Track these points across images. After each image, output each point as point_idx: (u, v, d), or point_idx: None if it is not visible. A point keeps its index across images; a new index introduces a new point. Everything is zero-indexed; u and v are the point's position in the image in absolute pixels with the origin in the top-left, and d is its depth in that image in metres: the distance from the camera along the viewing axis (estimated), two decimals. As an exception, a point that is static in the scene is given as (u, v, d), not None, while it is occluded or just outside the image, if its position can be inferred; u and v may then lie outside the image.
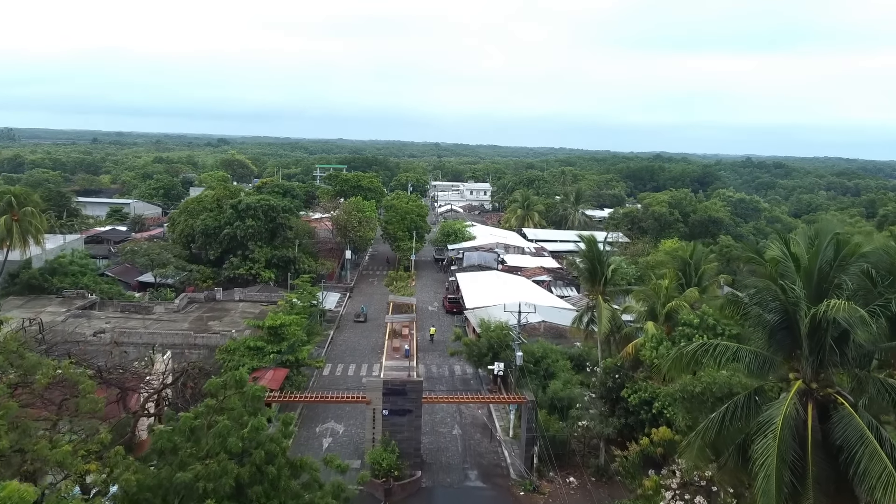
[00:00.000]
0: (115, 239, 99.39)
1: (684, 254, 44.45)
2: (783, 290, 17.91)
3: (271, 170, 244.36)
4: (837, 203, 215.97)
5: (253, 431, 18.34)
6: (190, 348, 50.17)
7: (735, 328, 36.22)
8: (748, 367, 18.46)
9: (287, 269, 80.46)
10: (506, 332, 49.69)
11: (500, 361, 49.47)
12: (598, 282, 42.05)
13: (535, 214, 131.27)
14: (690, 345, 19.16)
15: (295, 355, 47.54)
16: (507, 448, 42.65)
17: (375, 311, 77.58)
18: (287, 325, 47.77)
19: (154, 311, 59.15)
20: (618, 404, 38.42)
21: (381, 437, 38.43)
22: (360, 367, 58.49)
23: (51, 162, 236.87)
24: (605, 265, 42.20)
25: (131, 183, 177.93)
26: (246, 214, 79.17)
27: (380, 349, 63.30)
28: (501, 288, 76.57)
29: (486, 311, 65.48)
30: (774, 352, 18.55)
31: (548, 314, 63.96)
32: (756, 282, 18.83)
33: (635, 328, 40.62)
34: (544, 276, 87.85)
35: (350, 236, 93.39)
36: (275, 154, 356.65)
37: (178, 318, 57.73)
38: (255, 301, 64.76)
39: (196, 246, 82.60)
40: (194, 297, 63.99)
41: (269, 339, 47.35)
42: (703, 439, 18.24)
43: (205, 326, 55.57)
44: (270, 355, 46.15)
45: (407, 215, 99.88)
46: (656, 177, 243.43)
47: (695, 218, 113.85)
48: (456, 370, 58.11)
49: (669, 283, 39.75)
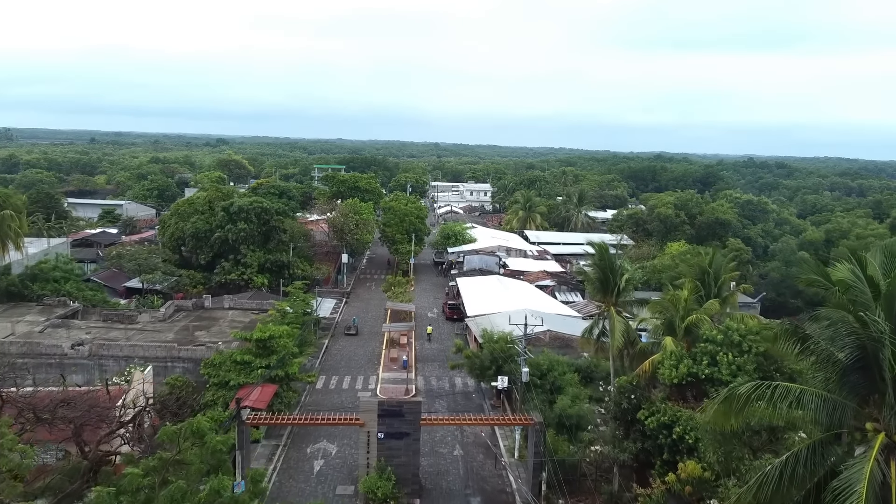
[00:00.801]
0: (105, 242, 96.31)
1: (702, 261, 41.33)
2: (861, 322, 14.86)
3: (269, 170, 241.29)
4: (843, 204, 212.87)
5: (212, 495, 15.33)
6: (173, 361, 47.12)
7: (762, 344, 33.24)
8: (815, 414, 15.33)
9: (281, 274, 77.37)
10: (510, 344, 46.61)
11: (504, 375, 46.49)
12: (611, 292, 38.93)
13: (537, 216, 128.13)
14: (741, 386, 15.98)
15: (285, 370, 44.41)
16: (512, 472, 39.58)
17: (373, 317, 74.57)
18: (277, 337, 44.69)
19: (138, 320, 56.04)
20: (633, 426, 35.34)
21: (375, 463, 35.38)
22: (356, 379, 55.43)
23: (46, 162, 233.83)
24: (617, 274, 39.06)
25: (125, 184, 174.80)
26: (238, 217, 76.05)
27: (377, 359, 60.25)
28: (504, 294, 73.51)
29: (489, 320, 62.41)
30: (847, 396, 15.49)
31: (553, 323, 60.90)
32: (830, 312, 15.70)
33: (651, 343, 37.49)
34: (547, 281, 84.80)
35: (347, 239, 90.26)
36: (273, 154, 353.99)
37: (162, 328, 54.61)
38: (245, 309, 61.60)
39: (186, 250, 79.51)
40: (182, 305, 60.88)
41: (257, 352, 44.26)
42: (757, 498, 15.16)
43: (191, 337, 52.45)
44: (258, 370, 43.05)
45: (406, 217, 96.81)
46: (658, 177, 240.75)
47: (701, 220, 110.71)
48: (457, 382, 55.05)
49: (688, 294, 36.64)
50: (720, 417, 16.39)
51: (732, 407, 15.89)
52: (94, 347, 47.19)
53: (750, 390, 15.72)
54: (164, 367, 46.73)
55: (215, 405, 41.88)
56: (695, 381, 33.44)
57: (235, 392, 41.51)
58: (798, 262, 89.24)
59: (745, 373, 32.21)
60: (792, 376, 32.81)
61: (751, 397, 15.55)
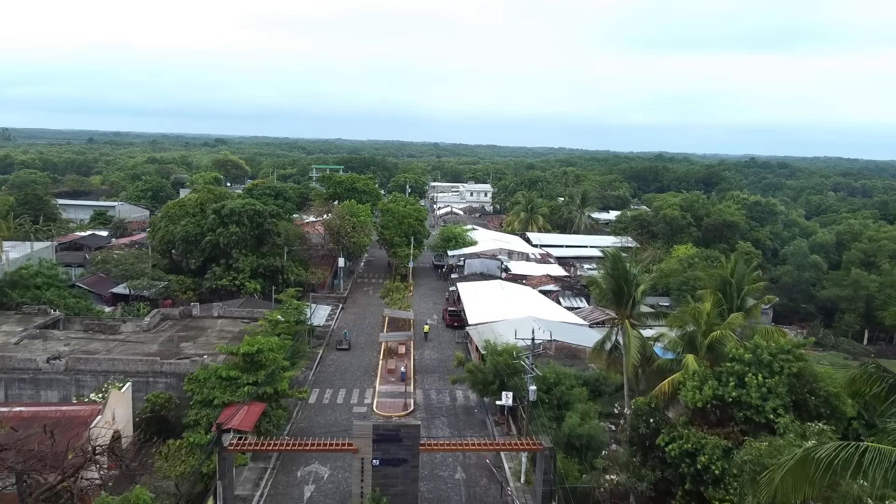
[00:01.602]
0: (94, 245, 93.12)
1: (723, 271, 38.33)
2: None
3: (266, 170, 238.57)
4: (848, 204, 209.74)
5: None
6: (155, 377, 44.05)
7: (794, 364, 30.29)
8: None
9: (274, 280, 74.40)
10: (515, 359, 43.62)
11: (509, 391, 43.54)
12: (625, 304, 35.95)
13: (540, 218, 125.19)
14: (819, 448, 12.88)
15: (274, 386, 41.41)
16: (519, 499, 36.56)
17: (370, 324, 71.60)
18: (266, 350, 41.66)
19: (121, 331, 52.97)
20: (652, 452, 32.41)
21: (370, 493, 32.39)
22: (351, 393, 52.43)
23: (41, 162, 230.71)
24: (632, 285, 36.07)
25: (119, 184, 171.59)
26: (230, 220, 73.01)
27: (373, 370, 57.25)
28: (506, 300, 70.59)
29: (491, 328, 59.47)
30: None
31: (559, 332, 57.93)
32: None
33: (670, 360, 34.50)
34: (551, 286, 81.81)
35: (343, 242, 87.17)
36: (272, 154, 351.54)
37: (146, 339, 51.54)
38: (235, 318, 58.45)
39: (176, 254, 76.55)
40: (168, 314, 57.79)
41: (244, 367, 41.26)
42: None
43: (176, 349, 49.38)
44: (245, 387, 40.05)
45: (404, 220, 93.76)
46: (660, 177, 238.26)
47: (708, 222, 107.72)
48: (458, 396, 51.99)
49: (711, 307, 33.64)
50: (789, 485, 13.24)
51: (808, 474, 12.82)
52: (71, 362, 44.13)
53: (831, 453, 12.67)
54: (145, 382, 43.70)
55: (198, 425, 38.89)
56: (720, 404, 30.52)
57: (220, 412, 38.54)
58: (810, 265, 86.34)
59: (777, 395, 29.31)
60: (828, 399, 29.92)
61: (833, 463, 12.50)
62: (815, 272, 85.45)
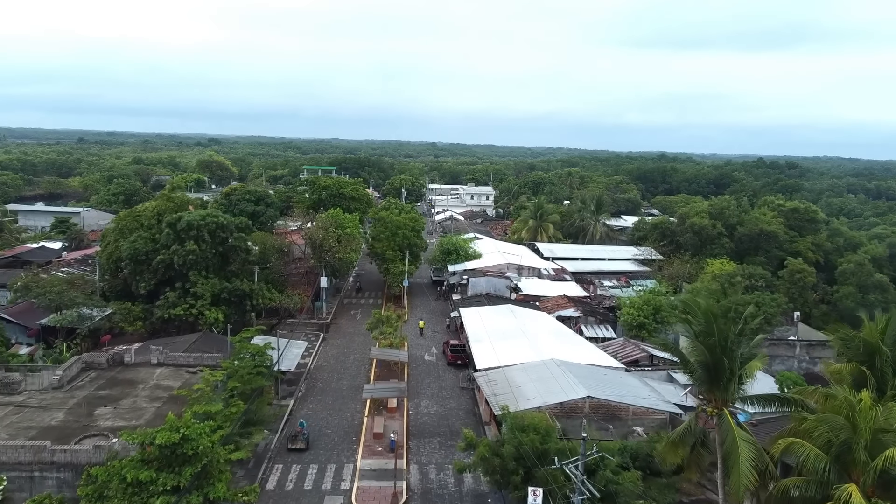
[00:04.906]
0: (41, 260, 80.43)
1: (869, 336, 25.78)
2: None
3: (256, 171, 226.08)
4: (872, 207, 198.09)
5: None
6: (44, 470, 31.54)
7: None
8: None
9: (242, 306, 61.88)
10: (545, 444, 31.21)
11: (538, 487, 31.16)
12: (724, 386, 23.55)
13: (550, 226, 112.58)
14: None
15: (205, 492, 28.99)
16: None
17: (354, 362, 59.29)
18: (194, 437, 29.17)
19: (21, 389, 40.40)
20: None
21: None
22: (326, 469, 39.97)
23: (20, 163, 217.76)
24: (735, 358, 23.54)
25: (94, 187, 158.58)
26: (186, 235, 60.50)
27: (355, 433, 44.80)
28: (520, 332, 58.41)
29: (505, 377, 47.23)
30: None
31: (591, 381, 45.54)
32: None
33: (806, 482, 21.94)
34: (570, 310, 69.19)
35: (327, 259, 74.54)
36: (266, 154, 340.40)
37: (53, 402, 38.93)
38: (179, 365, 45.69)
39: (124, 275, 63.87)
40: (93, 362, 45.06)
41: (162, 462, 28.83)
42: None
43: (86, 420, 36.81)
44: (157, 499, 27.58)
45: (399, 230, 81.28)
46: (668, 178, 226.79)
47: (742, 231, 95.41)
48: (466, 478, 39.36)
49: (868, 401, 21.18)
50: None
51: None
52: (-71, 447, 31.68)
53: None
54: (29, 478, 31.30)
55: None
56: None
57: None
58: (874, 286, 74.06)
59: None
60: None
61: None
62: (881, 293, 73.09)
